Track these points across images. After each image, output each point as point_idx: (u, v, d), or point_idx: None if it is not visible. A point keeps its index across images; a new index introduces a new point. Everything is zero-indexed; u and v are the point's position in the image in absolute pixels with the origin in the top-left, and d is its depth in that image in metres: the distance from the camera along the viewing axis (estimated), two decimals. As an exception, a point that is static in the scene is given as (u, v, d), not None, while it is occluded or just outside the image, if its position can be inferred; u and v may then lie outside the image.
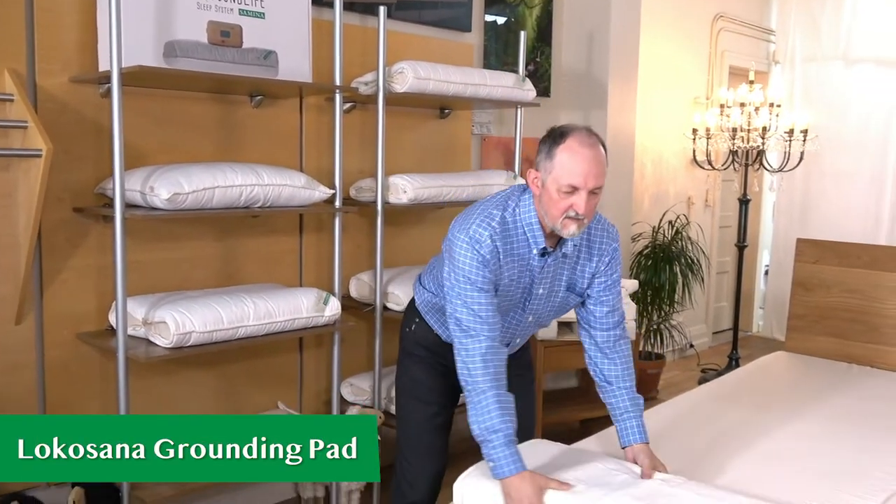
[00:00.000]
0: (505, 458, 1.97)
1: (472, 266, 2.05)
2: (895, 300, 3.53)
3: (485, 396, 2.00)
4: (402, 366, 2.49)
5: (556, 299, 2.24)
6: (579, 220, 2.00)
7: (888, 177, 5.94)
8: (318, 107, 3.26)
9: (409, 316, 2.46)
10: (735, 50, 6.12)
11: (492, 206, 2.14)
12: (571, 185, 1.97)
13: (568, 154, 1.98)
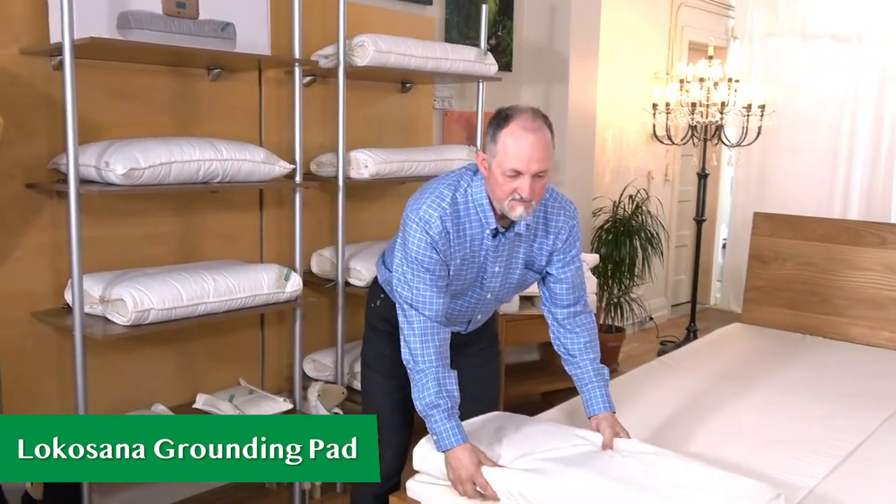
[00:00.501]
0: (445, 431, 2.01)
1: (420, 246, 2.07)
2: (847, 272, 3.62)
3: (423, 375, 2.04)
4: (367, 340, 2.50)
5: (514, 277, 2.25)
6: (526, 202, 2.00)
7: (842, 151, 6.05)
8: (278, 80, 3.22)
9: (374, 292, 2.46)
10: (695, 25, 6.16)
11: (443, 185, 2.13)
12: (514, 170, 1.97)
13: (511, 138, 1.97)
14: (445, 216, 2.07)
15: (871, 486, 2.10)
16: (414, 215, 2.09)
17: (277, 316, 3.35)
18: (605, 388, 2.22)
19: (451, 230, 2.08)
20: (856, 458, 2.28)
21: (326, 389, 3.11)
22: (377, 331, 2.43)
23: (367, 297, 2.52)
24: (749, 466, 2.13)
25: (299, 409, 3.11)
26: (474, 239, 2.12)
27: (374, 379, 2.44)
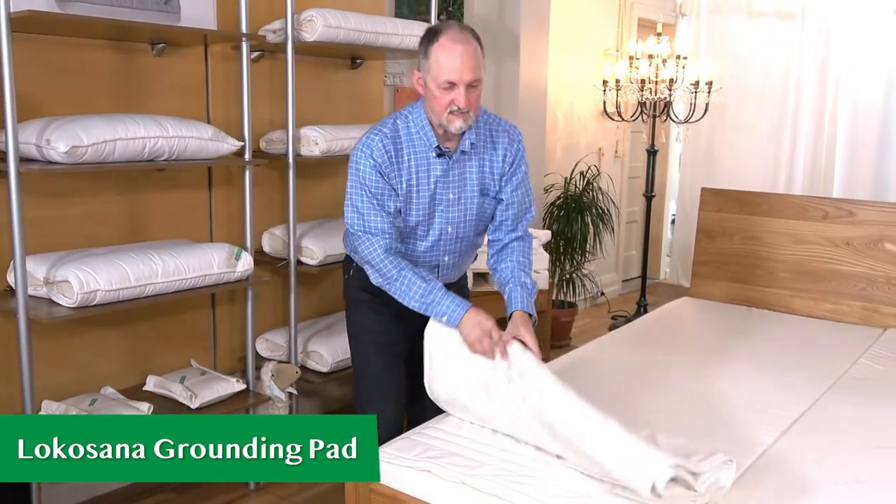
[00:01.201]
0: (449, 306, 2.14)
1: (366, 172, 2.16)
2: (791, 246, 3.71)
3: (402, 278, 2.16)
4: (349, 314, 2.50)
5: (473, 207, 2.30)
6: (463, 113, 2.11)
7: (787, 128, 6.17)
8: (225, 55, 3.15)
9: (347, 264, 2.47)
10: (644, 2, 6.20)
11: (388, 117, 2.26)
12: (448, 82, 2.07)
13: (442, 52, 2.07)
14: (386, 140, 2.18)
15: (815, 453, 2.16)
16: (360, 145, 2.19)
17: (228, 296, 3.31)
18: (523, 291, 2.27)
19: (392, 153, 2.17)
20: (801, 424, 2.35)
21: (280, 369, 3.09)
22: (356, 302, 2.44)
23: (342, 275, 2.52)
24: (698, 436, 2.18)
25: (252, 390, 3.08)
26: (419, 161, 2.20)
27: (362, 351, 2.45)
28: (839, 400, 2.56)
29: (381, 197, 2.17)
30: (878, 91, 5.78)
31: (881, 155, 5.83)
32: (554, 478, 1.95)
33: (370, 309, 2.38)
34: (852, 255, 3.56)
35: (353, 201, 2.19)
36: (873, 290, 3.50)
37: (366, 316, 2.41)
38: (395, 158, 2.18)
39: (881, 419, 2.40)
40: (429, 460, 2.03)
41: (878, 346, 3.15)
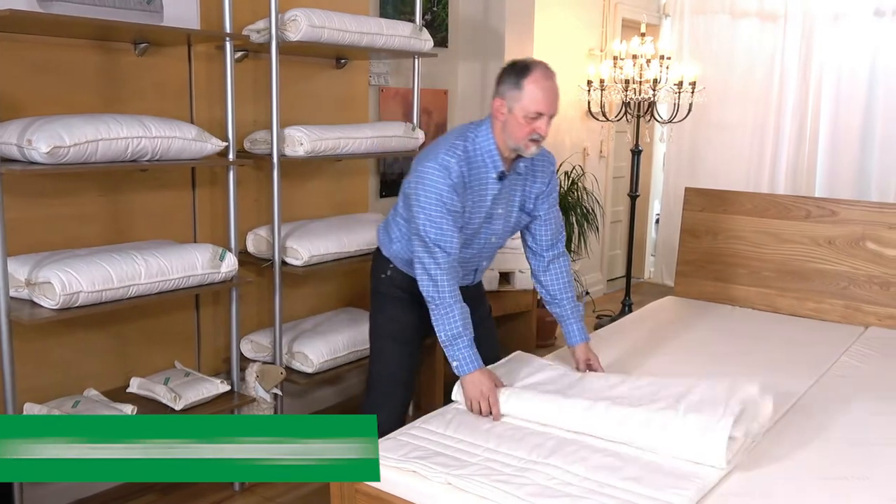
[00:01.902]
0: (465, 357, 2.36)
1: (444, 189, 2.34)
2: (774, 245, 3.73)
3: (450, 308, 2.36)
4: (378, 308, 2.70)
5: (512, 219, 2.59)
6: (538, 141, 2.38)
7: (770, 127, 6.21)
8: (208, 55, 3.14)
9: (381, 264, 2.66)
10: (628, 3, 6.22)
11: (453, 138, 2.43)
12: (538, 112, 2.33)
13: (535, 85, 2.33)
14: (462, 162, 2.37)
15: (799, 449, 2.18)
16: (433, 163, 2.36)
17: (213, 297, 3.29)
18: (580, 323, 2.68)
19: (465, 174, 2.38)
20: (784, 421, 2.36)
21: (265, 370, 3.08)
22: (391, 298, 2.65)
23: (371, 272, 2.72)
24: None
25: (237, 391, 3.07)
26: (482, 183, 2.43)
27: (386, 345, 2.66)
28: (822, 397, 2.58)
29: (454, 214, 2.37)
30: (859, 91, 5.83)
31: (863, 154, 5.87)
32: (539, 478, 1.95)
33: (403, 306, 2.62)
34: (835, 254, 3.59)
35: (430, 216, 2.35)
36: (855, 289, 3.53)
37: (399, 312, 2.63)
38: (465, 178, 2.38)
39: (863, 416, 2.42)
40: (414, 460, 2.03)
41: (860, 344, 3.18)
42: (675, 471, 1.97)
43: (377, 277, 2.69)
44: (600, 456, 2.06)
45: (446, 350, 2.39)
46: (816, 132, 6.07)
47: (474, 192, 2.42)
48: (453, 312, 2.36)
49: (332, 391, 4.05)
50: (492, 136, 2.41)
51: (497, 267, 4.02)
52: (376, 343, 2.70)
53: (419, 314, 2.56)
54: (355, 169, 3.92)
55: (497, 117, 2.39)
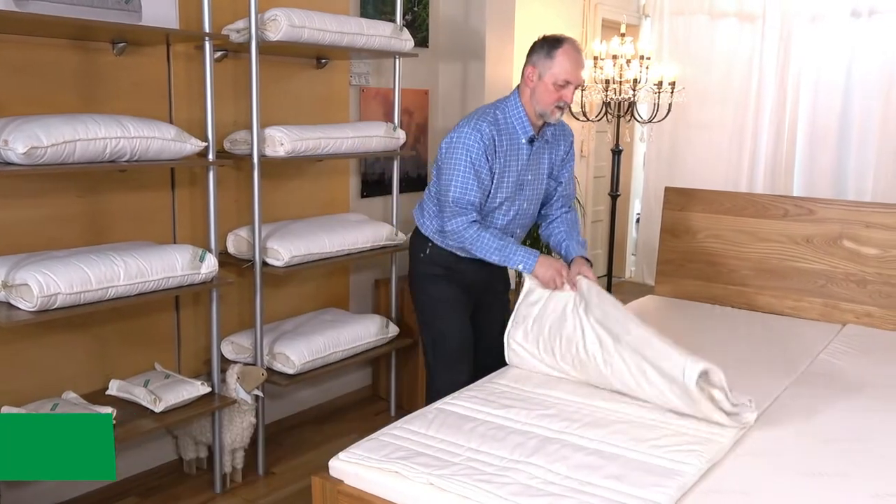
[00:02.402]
0: (522, 257, 2.64)
1: (475, 149, 2.58)
2: (753, 244, 3.76)
3: (479, 238, 2.62)
4: (421, 289, 2.90)
5: (542, 185, 2.84)
6: (563, 108, 2.65)
7: (748, 127, 6.26)
8: (188, 55, 3.12)
9: (420, 244, 2.89)
10: (608, 3, 6.25)
11: (485, 109, 2.70)
12: (566, 80, 2.60)
13: (565, 56, 2.59)
14: (492, 127, 2.63)
15: (777, 446, 2.20)
16: (467, 128, 2.61)
17: (193, 298, 3.27)
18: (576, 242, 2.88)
19: (496, 139, 2.62)
20: (763, 419, 2.38)
21: (246, 371, 3.06)
22: (431, 276, 2.86)
23: (409, 258, 2.94)
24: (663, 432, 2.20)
25: (218, 393, 3.05)
26: (511, 147, 2.67)
27: (435, 321, 2.85)
28: (800, 395, 2.60)
29: (482, 176, 2.61)
30: (836, 91, 5.88)
31: (840, 154, 5.93)
32: (521, 477, 1.96)
33: (446, 282, 2.84)
34: (812, 252, 3.62)
35: (457, 176, 2.59)
36: (833, 287, 3.57)
37: (443, 287, 2.84)
38: (496, 144, 2.63)
39: (840, 413, 2.45)
40: (396, 461, 2.03)
41: (838, 341, 3.22)
42: (656, 468, 1.99)
43: (417, 258, 2.90)
44: (582, 455, 2.07)
45: (504, 263, 2.66)
46: (794, 132, 6.13)
47: (507, 157, 2.67)
48: (483, 240, 2.62)
49: (313, 392, 4.04)
50: (520, 104, 2.68)
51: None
52: (429, 323, 2.89)
53: (459, 287, 2.83)
54: (336, 169, 3.91)
55: (527, 84, 2.67)
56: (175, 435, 3.26)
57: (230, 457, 3.15)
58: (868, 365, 2.93)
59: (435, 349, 2.87)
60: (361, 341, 3.55)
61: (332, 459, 2.12)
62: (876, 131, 5.75)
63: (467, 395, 2.50)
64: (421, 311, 2.92)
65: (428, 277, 2.87)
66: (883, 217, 3.46)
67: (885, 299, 3.46)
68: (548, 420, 2.30)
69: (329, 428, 3.79)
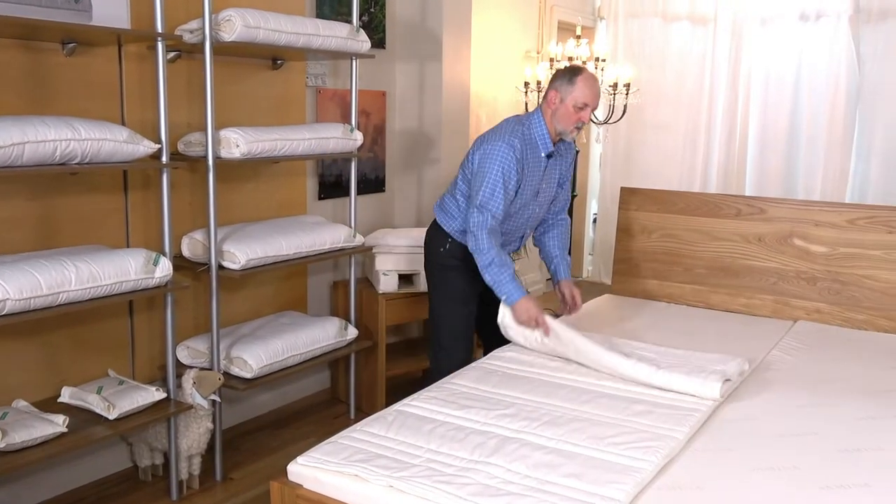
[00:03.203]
0: (512, 289, 2.92)
1: (508, 163, 2.93)
2: (706, 243, 3.83)
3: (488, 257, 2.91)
4: (438, 278, 3.25)
5: (552, 193, 3.24)
6: (580, 128, 3.03)
7: (701, 128, 6.37)
8: (140, 55, 3.07)
9: (440, 238, 3.22)
10: (563, 5, 6.31)
11: (513, 125, 3.03)
12: (585, 103, 2.96)
13: (584, 83, 2.96)
14: (522, 144, 2.98)
15: (731, 441, 2.24)
16: (501, 142, 2.95)
17: (147, 302, 3.22)
18: (564, 264, 3.33)
19: (524, 153, 2.97)
20: (716, 415, 2.42)
21: (202, 376, 3.02)
22: (450, 268, 3.21)
23: (428, 248, 3.28)
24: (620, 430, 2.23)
25: (173, 398, 3.01)
26: (534, 161, 3.03)
27: (449, 307, 3.21)
28: (753, 391, 2.65)
29: (509, 187, 2.95)
30: (786, 93, 6.02)
31: (789, 154, 6.07)
32: (481, 477, 1.96)
33: (460, 273, 3.17)
34: (764, 250, 3.70)
35: (491, 185, 2.91)
36: (784, 285, 3.65)
37: (458, 278, 3.19)
38: (523, 157, 2.97)
39: (792, 408, 2.50)
40: (355, 464, 2.03)
41: (789, 337, 3.29)
42: (614, 466, 2.01)
43: (436, 251, 3.23)
44: (541, 454, 2.08)
45: (494, 288, 2.94)
46: (746, 132, 6.25)
47: (529, 169, 3.01)
48: (490, 257, 2.91)
49: (271, 396, 4.00)
50: (544, 123, 3.03)
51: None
52: (440, 305, 3.24)
53: (474, 278, 3.09)
54: (293, 171, 3.89)
55: (550, 105, 3.02)
56: (130, 442, 3.20)
57: (187, 463, 3.10)
58: (819, 360, 3.00)
59: (439, 332, 3.24)
60: (320, 344, 3.53)
61: (290, 464, 2.10)
62: (824, 131, 5.90)
63: (426, 397, 2.50)
64: (433, 296, 3.28)
65: (446, 268, 3.22)
66: (831, 216, 3.55)
67: (833, 296, 3.54)
68: (507, 420, 2.31)
69: (288, 432, 3.76)
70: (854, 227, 3.50)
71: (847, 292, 3.52)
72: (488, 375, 2.71)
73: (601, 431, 2.22)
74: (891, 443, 2.24)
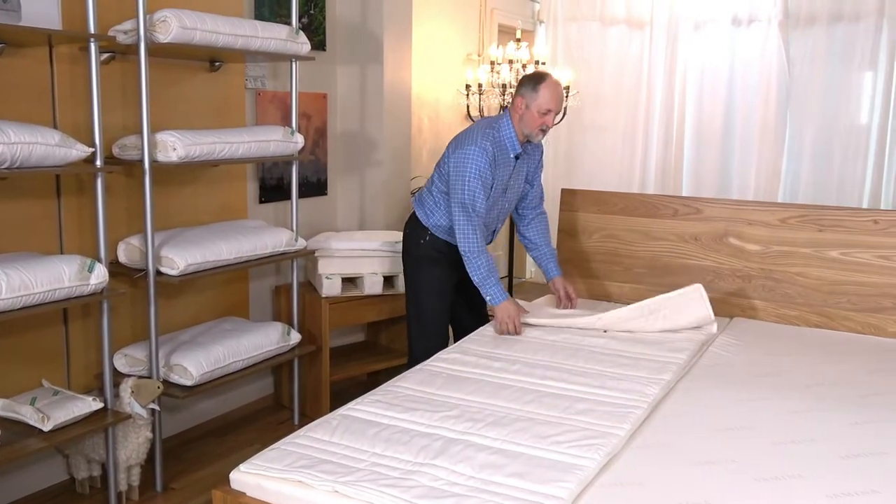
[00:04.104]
0: (497, 292, 3.21)
1: (482, 165, 3.16)
2: (645, 242, 3.90)
3: (479, 257, 3.19)
4: (417, 270, 3.45)
5: (520, 189, 3.49)
6: (545, 131, 3.26)
7: (639, 129, 6.49)
8: (72, 57, 2.99)
9: (419, 232, 3.43)
10: (503, 8, 6.36)
11: (483, 128, 3.25)
12: (549, 109, 3.19)
13: (547, 90, 3.19)
14: (494, 146, 3.21)
15: (669, 436, 2.28)
16: (473, 146, 3.17)
17: (82, 310, 3.14)
18: (554, 261, 3.67)
19: (495, 155, 3.21)
20: (657, 412, 2.47)
21: (140, 385, 2.96)
22: (428, 260, 3.42)
23: (406, 241, 3.50)
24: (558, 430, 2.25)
25: (111, 408, 2.94)
26: (503, 162, 3.27)
27: (428, 298, 3.42)
28: (691, 387, 2.71)
29: (486, 187, 3.19)
30: (720, 95, 6.18)
31: (724, 155, 6.23)
32: (426, 479, 1.97)
33: (438, 265, 3.41)
34: (700, 249, 3.78)
35: (470, 187, 3.16)
36: (720, 282, 3.74)
37: (435, 270, 3.41)
38: (494, 159, 3.21)
39: (729, 403, 2.56)
40: (299, 470, 2.01)
41: (725, 334, 3.36)
42: (557, 464, 2.03)
43: (416, 244, 3.44)
44: (486, 454, 2.09)
45: (480, 288, 3.22)
46: (682, 133, 6.39)
47: (499, 169, 3.25)
48: (481, 260, 3.18)
49: (214, 403, 3.94)
50: (512, 127, 3.25)
51: (381, 270, 4.02)
52: (418, 295, 3.44)
53: (451, 270, 3.38)
54: (233, 174, 3.83)
55: (517, 111, 3.24)
56: (66, 454, 3.11)
57: (126, 474, 3.03)
58: (754, 355, 3.08)
59: (417, 321, 3.44)
60: (262, 349, 3.48)
61: (233, 471, 2.07)
62: (757, 132, 6.07)
63: (371, 400, 2.49)
64: (410, 287, 3.48)
65: (424, 260, 3.42)
66: (763, 215, 3.65)
67: (767, 293, 3.64)
68: (451, 421, 2.32)
69: (230, 439, 3.70)
70: (786, 225, 3.60)
71: (780, 289, 3.62)
72: (433, 378, 2.71)
73: (545, 430, 2.25)
74: (823, 434, 2.32)
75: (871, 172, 5.72)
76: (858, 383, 2.78)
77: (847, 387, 2.74)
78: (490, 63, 5.37)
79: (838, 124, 5.77)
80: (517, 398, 2.51)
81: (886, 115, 5.60)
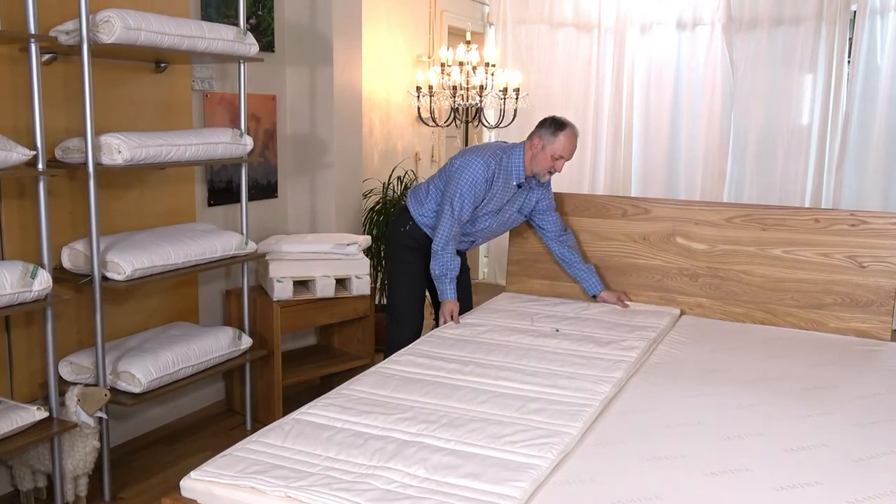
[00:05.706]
0: (447, 290, 3.50)
1: (479, 177, 3.43)
2: (595, 242, 3.95)
3: (442, 256, 3.47)
4: (395, 255, 3.73)
5: (513, 217, 3.72)
6: (552, 174, 3.52)
7: (589, 131, 6.56)
8: (12, 57, 2.91)
9: (403, 220, 3.70)
10: (453, 11, 6.37)
11: (496, 148, 3.53)
12: (562, 156, 3.44)
13: (566, 138, 3.43)
14: (497, 168, 3.47)
15: (621, 433, 2.31)
16: (480, 159, 3.44)
17: (25, 317, 3.06)
18: (596, 276, 3.83)
19: (496, 176, 3.46)
20: (608, 409, 2.50)
21: (87, 393, 2.89)
22: (406, 247, 3.68)
23: (391, 226, 3.79)
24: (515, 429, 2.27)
25: (56, 417, 2.86)
26: (504, 186, 3.52)
27: (404, 282, 3.71)
28: (641, 384, 2.75)
29: (476, 199, 3.46)
30: (666, 97, 6.28)
31: (671, 156, 6.33)
32: (380, 482, 1.96)
33: (414, 252, 3.65)
34: (649, 249, 3.84)
35: (461, 193, 3.42)
36: (668, 281, 3.80)
37: (412, 257, 3.65)
38: (494, 179, 3.46)
39: (678, 399, 2.61)
40: (251, 476, 1.99)
41: (674, 332, 3.43)
42: (511, 464, 2.04)
43: (398, 230, 3.71)
44: (440, 455, 2.10)
45: (435, 281, 3.52)
46: (630, 135, 6.48)
47: (499, 190, 3.51)
48: (445, 258, 3.47)
49: (163, 410, 3.87)
50: (522, 158, 3.49)
51: (333, 273, 4.00)
52: (395, 279, 3.75)
53: (425, 261, 3.59)
54: (181, 177, 3.77)
55: (532, 148, 3.46)
56: (10, 465, 3.02)
57: (73, 484, 2.96)
58: (702, 352, 3.15)
59: (391, 308, 3.69)
60: (212, 355, 3.43)
61: (183, 479, 2.04)
62: (702, 133, 6.18)
63: (324, 404, 2.47)
64: (387, 274, 3.81)
65: (403, 247, 3.68)
66: (709, 215, 3.73)
67: (714, 290, 3.72)
68: (405, 424, 2.32)
69: (181, 447, 3.64)
70: (731, 224, 3.68)
71: (726, 287, 3.70)
72: (386, 380, 2.71)
73: (498, 431, 2.26)
74: (769, 428, 2.38)
75: (812, 172, 5.88)
76: (801, 377, 2.86)
77: (790, 381, 2.81)
78: (440, 65, 5.38)
79: (780, 125, 5.92)
80: (471, 399, 2.52)
81: (826, 117, 5.76)
